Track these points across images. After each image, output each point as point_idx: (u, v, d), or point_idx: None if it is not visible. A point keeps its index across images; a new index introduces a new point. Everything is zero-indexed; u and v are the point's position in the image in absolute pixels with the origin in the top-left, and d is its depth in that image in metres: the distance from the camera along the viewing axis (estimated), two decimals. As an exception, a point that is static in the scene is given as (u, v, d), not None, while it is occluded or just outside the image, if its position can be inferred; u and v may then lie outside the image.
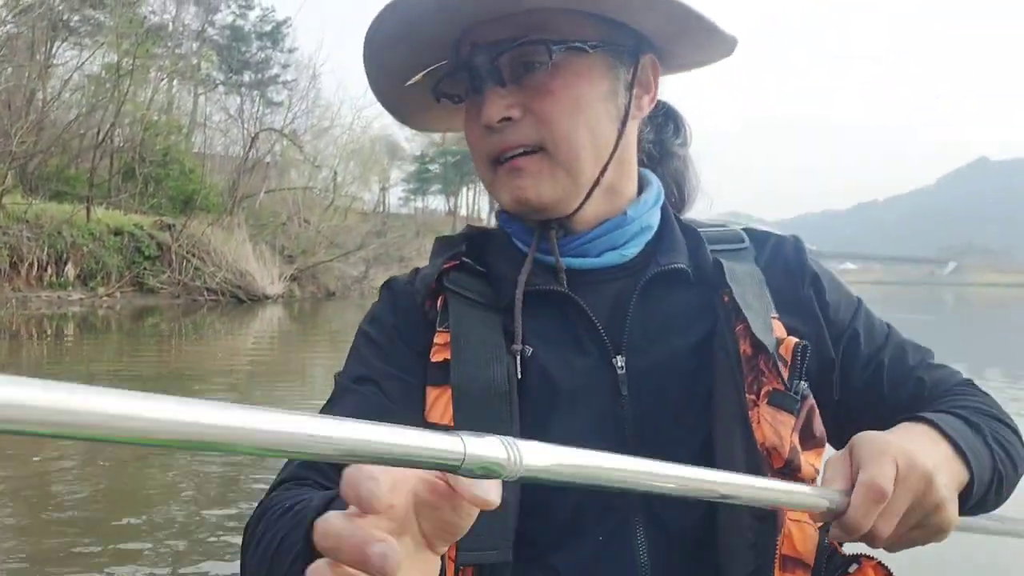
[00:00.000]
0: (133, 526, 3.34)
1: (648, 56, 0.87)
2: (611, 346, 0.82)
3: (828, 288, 0.90)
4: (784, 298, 0.87)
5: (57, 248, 14.77)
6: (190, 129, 27.00)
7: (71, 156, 19.06)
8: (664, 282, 0.85)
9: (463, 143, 0.91)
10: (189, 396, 0.27)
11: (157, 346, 10.39)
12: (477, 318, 0.85)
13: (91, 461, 4.21)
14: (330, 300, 21.37)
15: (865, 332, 0.90)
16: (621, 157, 0.86)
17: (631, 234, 0.87)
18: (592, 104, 0.82)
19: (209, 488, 3.93)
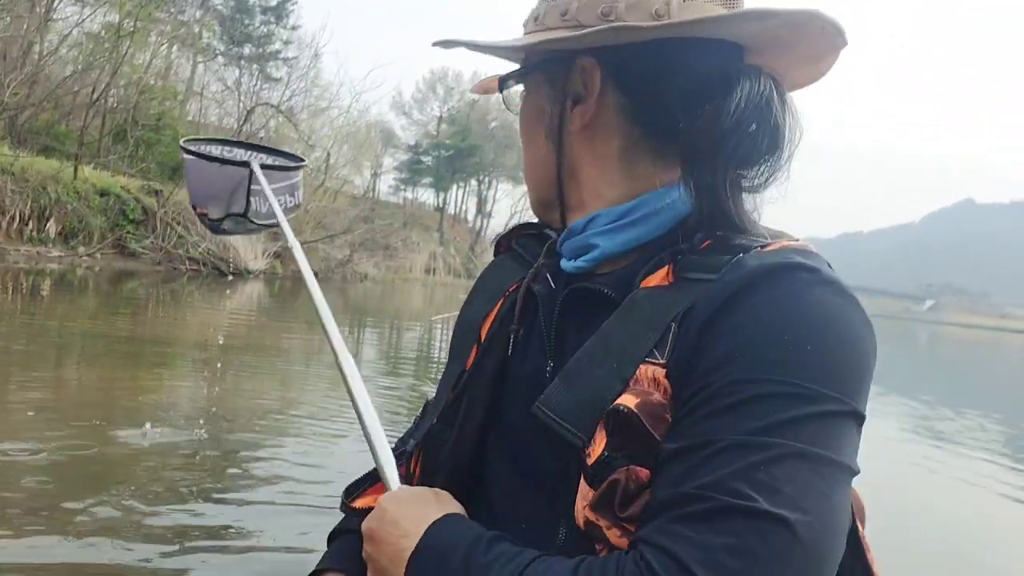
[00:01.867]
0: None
1: (585, 59, 0.83)
2: (549, 350, 0.85)
3: (731, 343, 0.68)
4: (682, 344, 0.71)
5: (41, 203, 14.63)
6: (186, 97, 26.81)
7: (63, 113, 18.88)
8: (586, 301, 0.82)
9: (457, 138, 1.00)
10: (159, 362, 0.27)
11: (133, 310, 10.34)
12: (510, 270, 0.97)
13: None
14: (311, 281, 21.30)
15: (712, 398, 0.67)
16: (572, 173, 0.86)
17: (577, 246, 0.85)
18: (528, 126, 0.91)
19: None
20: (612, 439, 0.69)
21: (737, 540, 0.59)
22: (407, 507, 0.79)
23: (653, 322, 0.73)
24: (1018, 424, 9.86)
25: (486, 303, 0.95)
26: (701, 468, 0.63)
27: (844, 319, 0.69)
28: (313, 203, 24.19)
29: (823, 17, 0.75)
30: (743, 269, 0.71)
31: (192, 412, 4.84)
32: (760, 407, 0.64)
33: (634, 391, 0.70)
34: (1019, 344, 62.97)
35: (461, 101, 56.79)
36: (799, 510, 0.61)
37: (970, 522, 4.64)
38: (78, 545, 2.78)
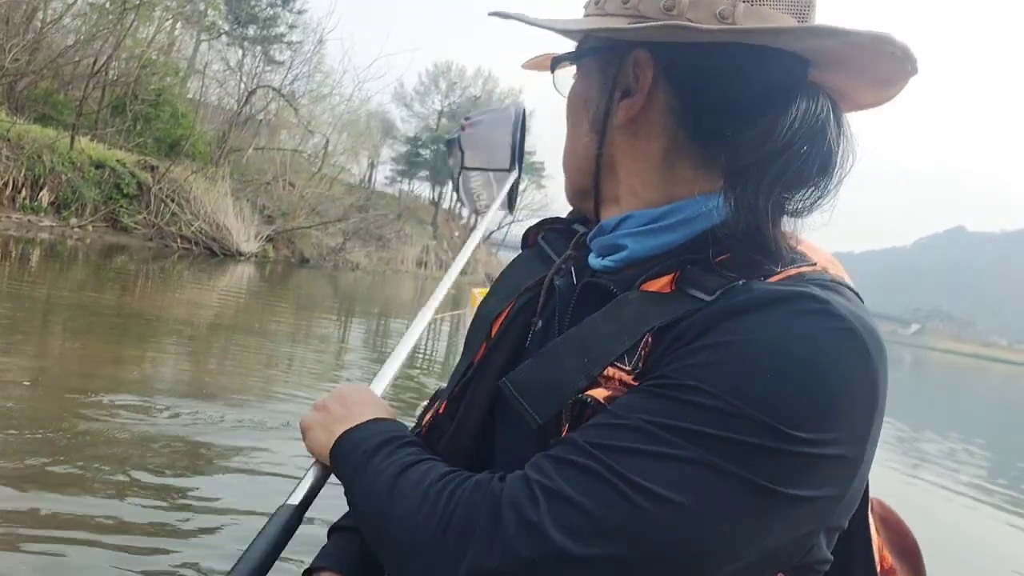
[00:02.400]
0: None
1: (641, 52, 0.80)
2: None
3: (703, 357, 0.66)
4: (656, 357, 0.71)
5: (35, 171, 14.54)
6: (187, 74, 26.66)
7: (63, 82, 18.74)
8: (596, 295, 0.81)
9: (456, 131, 1.01)
10: (144, 338, 0.27)
11: (121, 284, 10.31)
12: (528, 266, 0.97)
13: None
14: (303, 267, 21.27)
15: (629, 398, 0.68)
16: (611, 167, 0.85)
17: (606, 244, 0.85)
18: (573, 110, 0.89)
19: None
20: (575, 429, 0.70)
21: (580, 498, 0.63)
22: (357, 397, 0.93)
23: (631, 328, 0.73)
24: (996, 448, 9.97)
25: (502, 300, 0.94)
26: (601, 428, 0.66)
27: (832, 354, 0.65)
28: (309, 189, 24.13)
29: (894, 42, 0.73)
30: (745, 295, 0.69)
31: (174, 386, 4.85)
32: (694, 412, 0.64)
33: (606, 386, 0.71)
34: (1000, 372, 63.38)
35: (463, 97, 56.69)
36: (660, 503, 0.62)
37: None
38: (55, 501, 2.80)
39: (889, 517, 0.93)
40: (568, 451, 0.67)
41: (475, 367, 0.91)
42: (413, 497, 0.72)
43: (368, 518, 0.77)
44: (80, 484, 3.07)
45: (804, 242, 0.79)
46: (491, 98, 57.41)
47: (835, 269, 0.78)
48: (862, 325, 0.67)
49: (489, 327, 0.92)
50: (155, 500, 3.07)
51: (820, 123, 0.74)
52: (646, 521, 0.61)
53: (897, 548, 0.91)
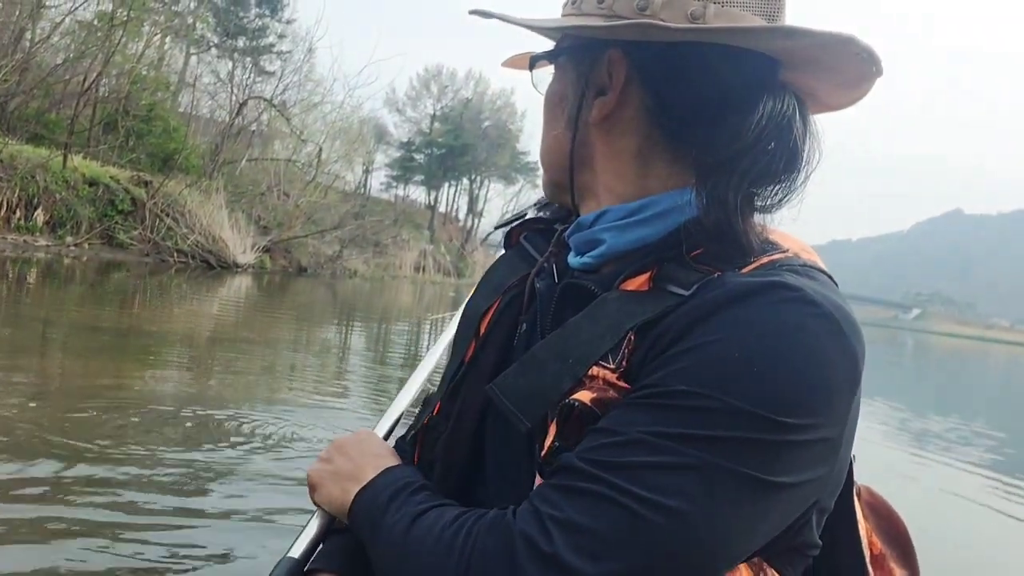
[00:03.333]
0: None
1: (615, 52, 0.82)
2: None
3: (690, 358, 0.68)
4: (639, 355, 0.72)
5: (29, 192, 14.52)
6: (178, 88, 26.65)
7: (53, 101, 18.72)
8: (579, 297, 0.82)
9: (450, 136, 1.01)
10: (145, 354, 0.27)
11: (120, 301, 10.29)
12: (510, 265, 0.99)
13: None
14: (301, 276, 21.25)
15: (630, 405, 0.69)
16: (586, 162, 0.86)
17: (585, 240, 0.86)
18: (549, 108, 0.90)
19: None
20: (562, 431, 0.72)
21: (592, 523, 0.64)
22: (361, 448, 0.92)
23: (613, 327, 0.73)
24: (997, 431, 9.94)
25: (487, 298, 0.96)
26: (601, 449, 0.67)
27: (812, 341, 0.66)
28: (304, 198, 24.12)
29: (858, 44, 0.75)
30: (721, 288, 0.70)
31: (176, 401, 4.82)
32: (688, 416, 0.65)
33: (590, 388, 0.72)
34: (1003, 354, 63.52)
35: (455, 99, 56.72)
36: (669, 514, 0.63)
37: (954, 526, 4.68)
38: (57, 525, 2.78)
39: (877, 503, 0.95)
40: (573, 478, 0.67)
41: (465, 367, 0.92)
42: (428, 545, 0.72)
43: (388, 571, 0.78)
44: (83, 503, 3.04)
45: (775, 231, 0.82)
46: (483, 100, 57.47)
47: (807, 255, 0.80)
48: (836, 309, 0.69)
49: (477, 325, 0.94)
50: (158, 521, 3.04)
51: (787, 121, 0.77)
52: (658, 532, 0.63)
53: (886, 534, 0.93)
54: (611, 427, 0.68)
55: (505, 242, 1.06)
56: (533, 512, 0.67)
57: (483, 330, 0.93)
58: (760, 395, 0.64)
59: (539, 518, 0.66)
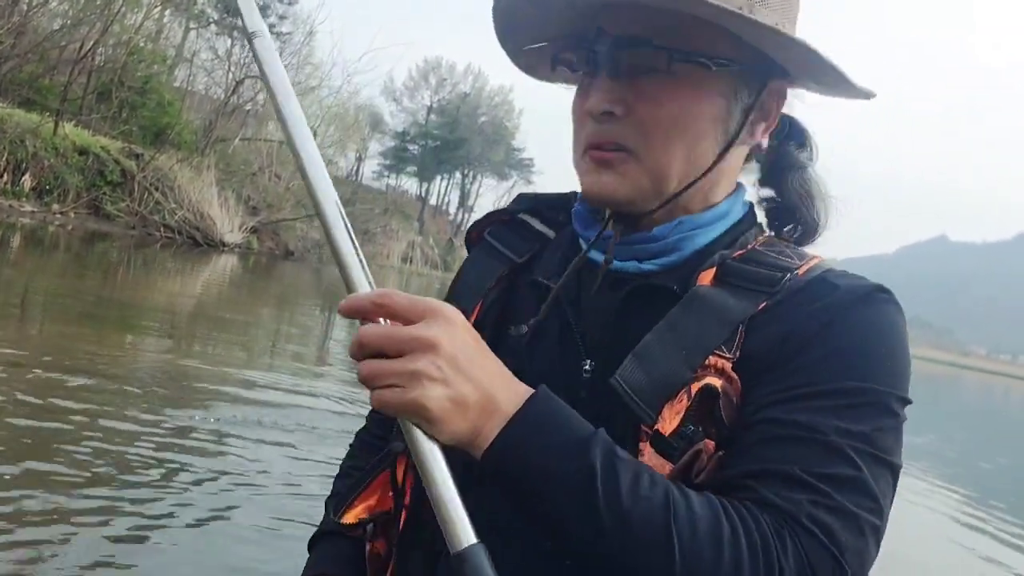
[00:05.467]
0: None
1: (777, 83, 0.83)
2: (584, 349, 0.85)
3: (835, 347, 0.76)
4: (763, 346, 0.77)
5: (17, 156, 14.37)
6: (175, 62, 26.44)
7: (48, 66, 18.52)
8: (648, 297, 0.83)
9: (445, 129, 0.98)
10: (123, 326, 0.26)
11: (103, 272, 10.22)
12: (483, 265, 0.95)
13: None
14: (287, 259, 21.17)
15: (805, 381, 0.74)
16: (714, 178, 0.85)
17: (657, 250, 0.85)
18: (697, 122, 0.80)
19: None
20: (694, 414, 0.75)
21: (844, 524, 0.69)
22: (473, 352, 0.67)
23: (722, 319, 0.78)
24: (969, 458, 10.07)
25: (467, 302, 0.91)
26: (814, 455, 0.71)
27: (905, 334, 0.79)
28: (295, 181, 24.01)
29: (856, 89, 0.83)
30: (837, 290, 0.78)
31: (152, 375, 4.81)
32: (861, 412, 0.73)
33: (713, 376, 0.76)
34: (975, 381, 64.13)
35: (452, 93, 56.60)
36: (879, 510, 0.71)
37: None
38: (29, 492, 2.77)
39: None
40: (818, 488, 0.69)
41: None
42: (706, 544, 0.65)
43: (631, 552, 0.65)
44: (55, 473, 3.04)
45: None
46: (481, 95, 57.38)
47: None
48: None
49: None
50: (131, 490, 3.05)
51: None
52: (875, 528, 0.70)
53: None
54: (810, 433, 0.72)
55: (467, 241, 1.03)
56: (807, 529, 0.68)
57: None
58: (898, 383, 0.75)
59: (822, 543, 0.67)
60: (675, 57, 0.77)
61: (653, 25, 0.76)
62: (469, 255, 1.00)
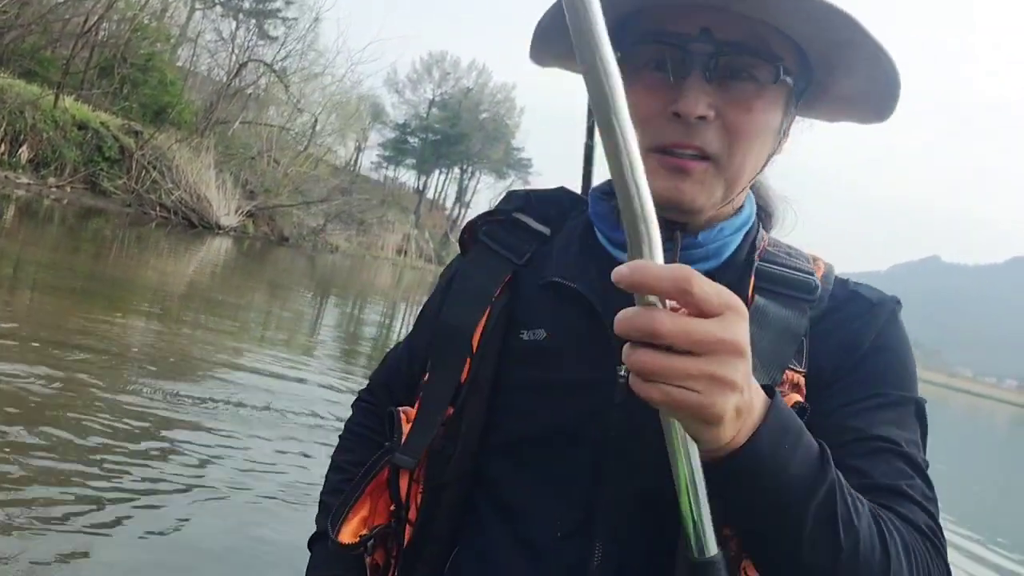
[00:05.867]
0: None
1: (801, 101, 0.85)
2: (619, 355, 0.83)
3: (885, 359, 0.83)
4: (826, 359, 0.81)
5: (16, 127, 14.30)
6: (179, 41, 26.34)
7: (51, 39, 18.43)
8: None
9: (447, 124, 0.96)
10: (114, 305, 0.26)
11: (96, 249, 10.19)
12: (484, 267, 0.92)
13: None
14: (282, 245, 21.13)
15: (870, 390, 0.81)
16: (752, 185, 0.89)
17: (701, 256, 0.85)
18: (769, 132, 0.81)
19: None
20: None
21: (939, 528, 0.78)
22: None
23: (789, 334, 0.81)
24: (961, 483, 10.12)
25: (472, 310, 0.88)
26: (905, 469, 0.78)
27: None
28: (294, 167, 23.96)
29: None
30: (874, 296, 0.87)
31: (141, 353, 4.81)
32: (911, 420, 0.82)
33: (792, 392, 0.79)
34: (962, 402, 64.45)
35: (455, 88, 56.50)
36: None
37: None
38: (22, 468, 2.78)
39: None
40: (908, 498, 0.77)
41: (465, 388, 0.86)
42: (895, 554, 0.70)
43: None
44: (45, 448, 3.05)
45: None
46: (483, 92, 57.32)
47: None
48: None
49: (468, 341, 0.87)
50: (118, 468, 3.06)
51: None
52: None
53: None
54: (888, 443, 0.79)
55: (461, 243, 0.98)
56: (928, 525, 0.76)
57: (476, 346, 0.87)
58: (918, 388, 0.85)
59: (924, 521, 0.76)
60: (784, 70, 0.77)
61: (755, 32, 0.76)
62: (465, 257, 0.96)
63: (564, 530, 0.80)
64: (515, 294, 0.89)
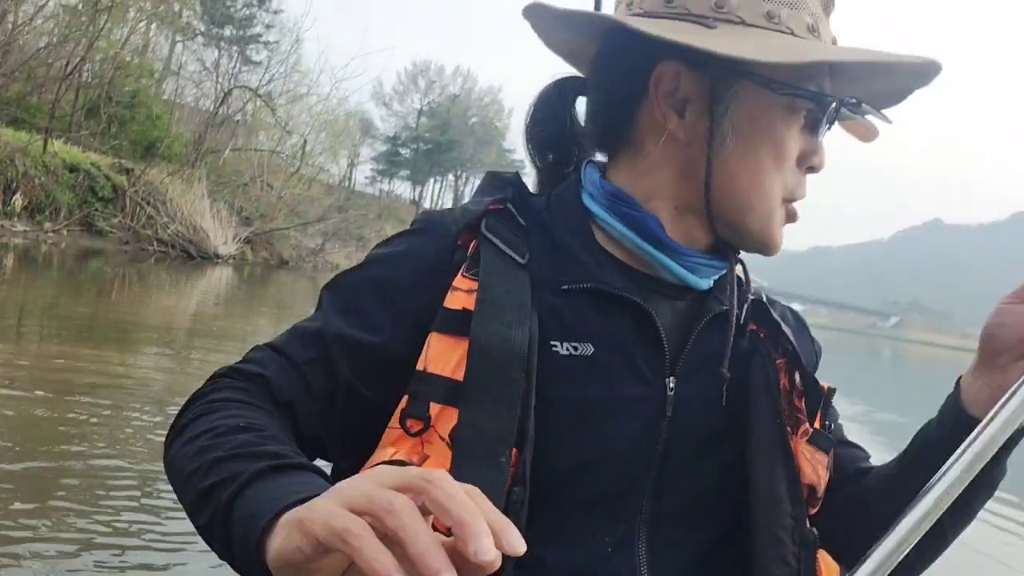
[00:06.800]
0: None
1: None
2: (668, 368, 0.81)
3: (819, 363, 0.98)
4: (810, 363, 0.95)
5: (7, 176, 14.30)
6: (162, 75, 26.40)
7: (35, 85, 18.45)
8: (721, 315, 0.85)
9: (437, 132, 0.90)
10: (123, 343, 0.26)
11: (98, 290, 10.16)
12: (506, 273, 0.79)
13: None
14: (282, 268, 21.11)
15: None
16: None
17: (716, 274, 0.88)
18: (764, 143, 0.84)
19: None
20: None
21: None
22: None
23: (803, 339, 0.97)
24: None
25: (513, 324, 0.75)
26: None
27: None
28: (287, 190, 23.95)
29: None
30: (776, 303, 0.97)
31: (150, 393, 4.77)
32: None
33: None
34: (978, 364, 64.11)
35: (442, 95, 56.60)
36: None
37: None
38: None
39: None
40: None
41: (531, 412, 0.74)
42: None
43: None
44: (53, 493, 2.99)
45: None
46: (470, 96, 57.40)
47: None
48: None
49: (523, 360, 0.74)
50: (129, 514, 3.00)
51: None
52: None
53: None
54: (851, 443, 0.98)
55: (457, 246, 0.82)
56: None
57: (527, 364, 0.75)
58: None
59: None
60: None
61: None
62: (486, 262, 0.80)
63: (613, 545, 0.77)
64: (538, 302, 0.79)
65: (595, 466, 0.77)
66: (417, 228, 0.85)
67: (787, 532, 0.79)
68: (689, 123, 0.80)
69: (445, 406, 0.73)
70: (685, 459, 0.80)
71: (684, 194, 0.82)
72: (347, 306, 0.80)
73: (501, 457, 0.71)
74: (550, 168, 0.93)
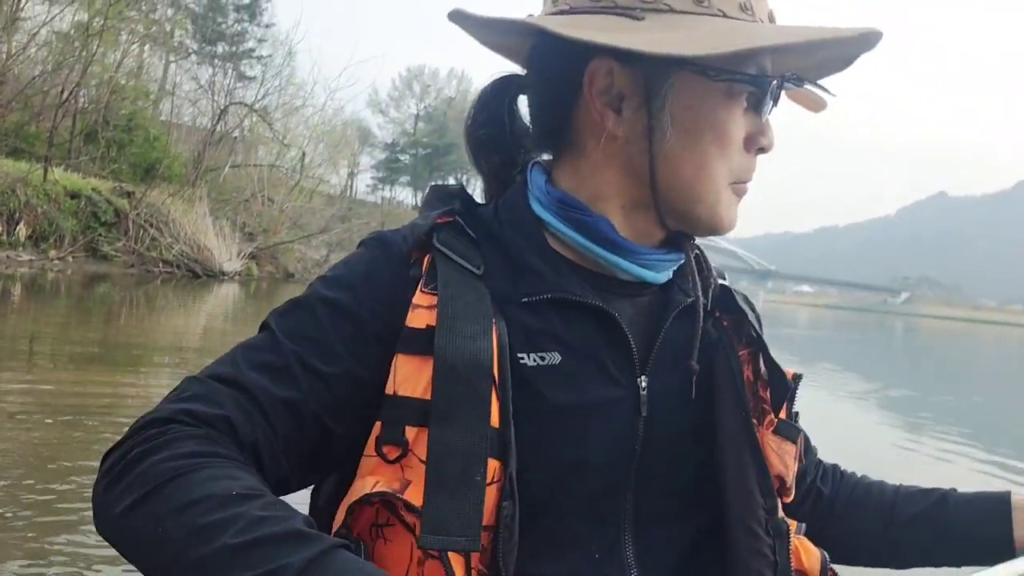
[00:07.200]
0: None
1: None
2: (638, 367, 0.80)
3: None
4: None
5: (10, 206, 14.37)
6: (158, 96, 26.46)
7: (32, 113, 18.53)
8: (688, 307, 0.84)
9: (435, 136, 0.87)
10: (134, 367, 0.25)
11: (106, 314, 10.18)
12: (464, 284, 0.76)
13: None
14: (288, 282, 21.15)
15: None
16: None
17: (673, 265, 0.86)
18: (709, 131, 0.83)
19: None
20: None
21: None
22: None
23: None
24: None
25: (480, 339, 0.73)
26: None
27: None
28: (288, 203, 23.98)
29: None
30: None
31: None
32: None
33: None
34: (991, 334, 64.09)
35: (438, 99, 56.67)
36: None
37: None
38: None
39: None
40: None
41: (510, 423, 0.72)
42: None
43: None
44: (68, 521, 2.98)
45: None
46: (467, 98, 57.38)
47: None
48: None
49: (490, 373, 0.72)
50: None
51: None
52: None
53: None
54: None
55: (411, 262, 0.79)
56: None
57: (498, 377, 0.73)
58: None
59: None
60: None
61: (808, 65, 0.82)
62: (435, 273, 0.77)
63: (602, 551, 0.77)
64: (499, 316, 0.76)
65: (577, 473, 0.76)
66: (368, 248, 0.82)
67: (760, 524, 0.80)
68: (627, 120, 0.78)
69: (421, 428, 0.70)
70: (663, 456, 0.80)
71: (631, 192, 0.81)
72: (303, 333, 0.76)
73: (476, 476, 0.68)
74: (496, 172, 0.90)
